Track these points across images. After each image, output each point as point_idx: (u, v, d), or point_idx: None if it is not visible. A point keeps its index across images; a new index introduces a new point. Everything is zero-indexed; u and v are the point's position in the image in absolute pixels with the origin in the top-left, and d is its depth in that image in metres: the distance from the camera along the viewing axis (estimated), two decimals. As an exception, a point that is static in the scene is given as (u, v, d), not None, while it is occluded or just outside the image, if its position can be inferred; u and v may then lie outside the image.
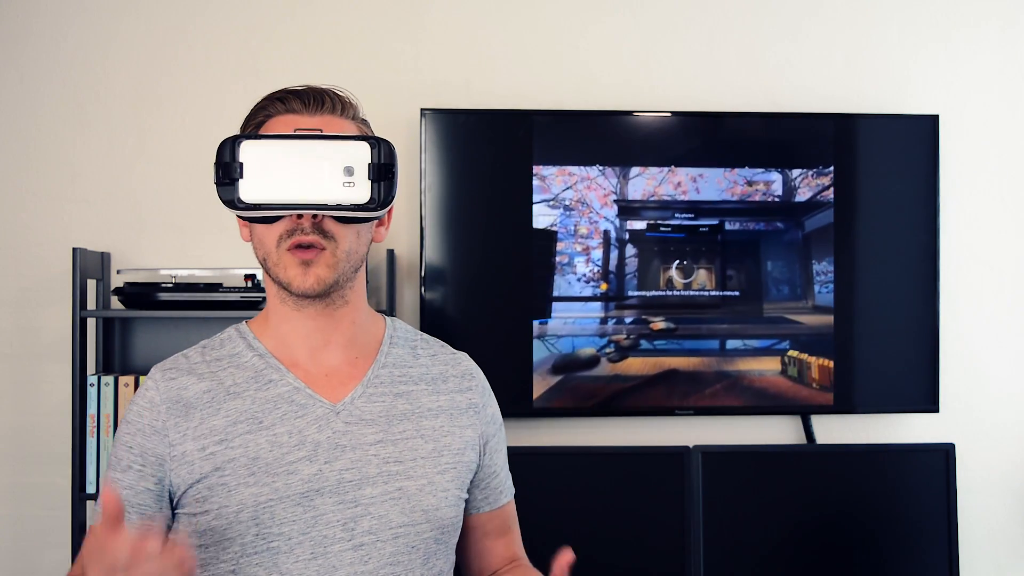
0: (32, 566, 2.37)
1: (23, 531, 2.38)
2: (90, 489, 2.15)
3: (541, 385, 2.36)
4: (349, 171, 1.08)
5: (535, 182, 2.33)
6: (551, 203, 2.33)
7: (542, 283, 2.35)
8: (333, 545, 1.12)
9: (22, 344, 2.38)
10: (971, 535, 2.48)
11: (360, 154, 1.08)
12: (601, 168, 2.34)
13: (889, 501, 2.29)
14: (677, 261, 2.38)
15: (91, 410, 2.16)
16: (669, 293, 2.39)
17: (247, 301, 2.18)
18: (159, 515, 1.14)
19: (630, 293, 2.38)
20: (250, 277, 2.23)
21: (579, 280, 2.35)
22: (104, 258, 2.34)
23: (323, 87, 1.20)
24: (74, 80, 2.40)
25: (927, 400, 2.43)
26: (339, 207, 1.08)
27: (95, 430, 2.15)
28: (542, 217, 2.33)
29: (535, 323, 2.34)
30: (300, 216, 1.11)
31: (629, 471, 2.25)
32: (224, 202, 1.08)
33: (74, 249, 2.16)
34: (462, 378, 1.28)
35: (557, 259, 2.35)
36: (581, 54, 2.48)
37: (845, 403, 2.42)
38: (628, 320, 2.38)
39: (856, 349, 2.42)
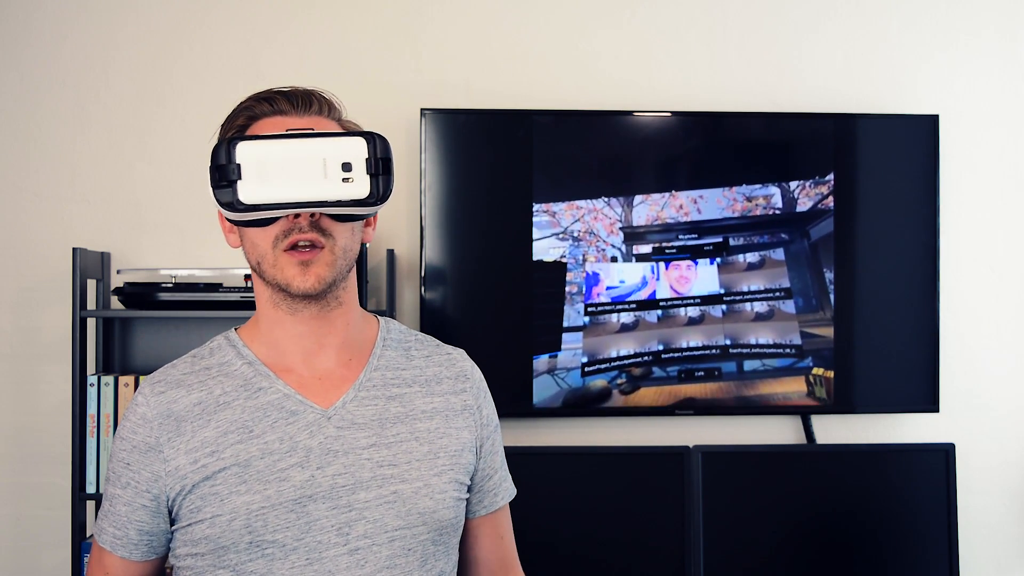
0: (32, 566, 2.37)
1: (23, 531, 2.38)
2: (90, 489, 2.15)
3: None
4: (347, 167, 1.06)
5: (545, 218, 2.33)
6: (560, 236, 2.33)
7: (554, 315, 2.33)
8: (328, 550, 1.11)
9: (22, 344, 2.38)
10: (971, 535, 2.48)
11: (357, 149, 1.07)
12: (607, 199, 2.34)
13: (889, 501, 2.29)
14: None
15: (91, 410, 2.16)
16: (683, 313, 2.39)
17: (247, 301, 2.18)
18: (157, 531, 1.16)
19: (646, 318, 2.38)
20: (250, 277, 2.23)
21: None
22: (104, 258, 2.34)
23: (309, 88, 1.19)
24: (74, 80, 2.40)
25: (927, 400, 2.43)
26: (339, 203, 1.07)
27: (95, 430, 2.15)
28: (552, 250, 2.33)
29: (546, 357, 2.33)
30: (297, 216, 1.10)
31: (629, 471, 2.25)
32: (222, 205, 1.06)
33: (74, 249, 2.16)
34: (456, 379, 1.26)
35: (568, 289, 2.35)
36: (581, 54, 2.48)
37: (845, 403, 2.42)
38: (640, 348, 2.37)
39: (856, 349, 2.42)
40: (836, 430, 2.49)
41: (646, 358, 2.36)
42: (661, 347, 2.36)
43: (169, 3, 2.42)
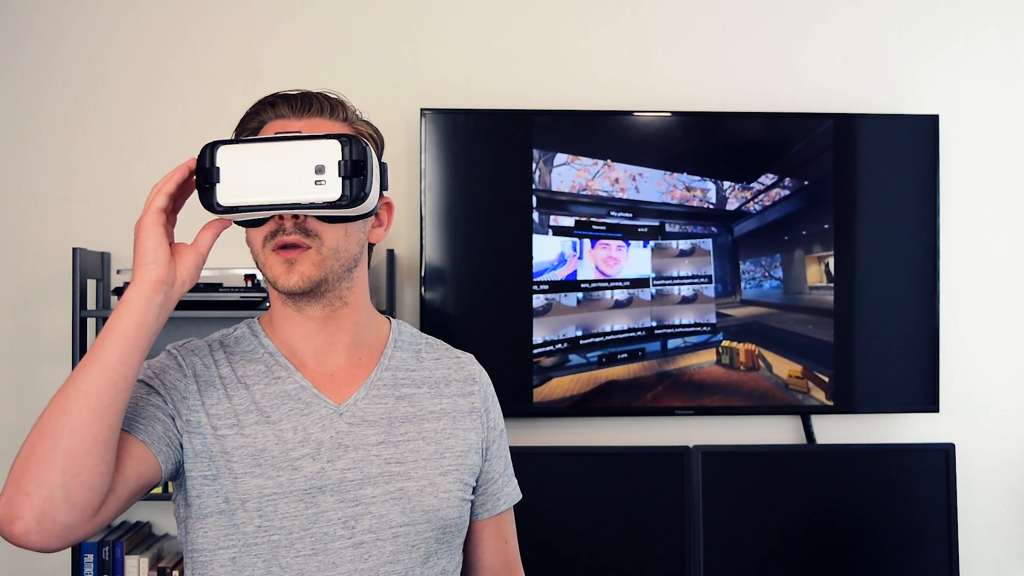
0: (32, 566, 2.37)
1: (23, 531, 2.37)
2: (90, 489, 2.14)
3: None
4: (320, 169, 1.07)
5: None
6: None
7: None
8: (333, 542, 1.13)
9: (22, 344, 2.38)
10: (971, 535, 2.48)
11: (331, 152, 1.08)
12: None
13: (889, 501, 2.29)
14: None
15: (91, 410, 2.16)
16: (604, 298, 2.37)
17: (247, 301, 2.19)
18: (170, 428, 1.13)
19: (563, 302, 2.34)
20: (250, 277, 2.23)
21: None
22: (104, 258, 2.34)
23: (314, 91, 1.20)
24: (74, 80, 2.40)
25: (927, 400, 2.43)
26: (312, 206, 1.08)
27: (95, 430, 2.15)
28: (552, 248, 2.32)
29: None
30: (282, 217, 1.12)
31: (629, 471, 2.25)
32: (204, 206, 1.10)
33: (74, 249, 2.16)
34: (465, 382, 1.28)
35: None
36: (581, 54, 2.48)
37: (845, 403, 2.42)
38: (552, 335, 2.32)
39: (856, 349, 2.42)
40: (836, 430, 2.49)
41: (561, 345, 2.33)
42: (580, 332, 2.34)
43: (168, 2, 2.42)
